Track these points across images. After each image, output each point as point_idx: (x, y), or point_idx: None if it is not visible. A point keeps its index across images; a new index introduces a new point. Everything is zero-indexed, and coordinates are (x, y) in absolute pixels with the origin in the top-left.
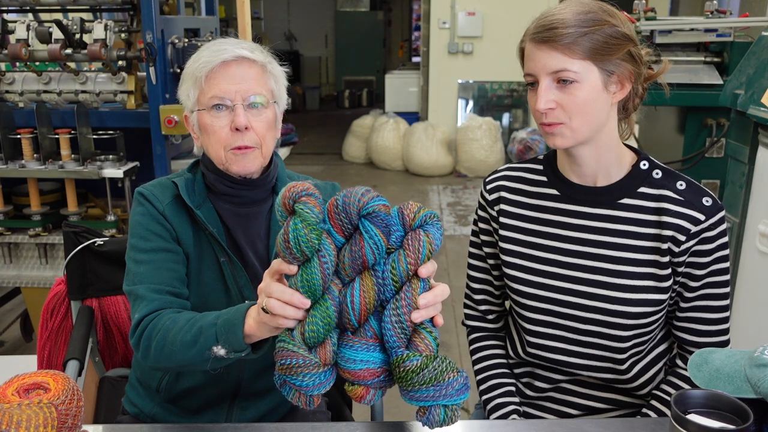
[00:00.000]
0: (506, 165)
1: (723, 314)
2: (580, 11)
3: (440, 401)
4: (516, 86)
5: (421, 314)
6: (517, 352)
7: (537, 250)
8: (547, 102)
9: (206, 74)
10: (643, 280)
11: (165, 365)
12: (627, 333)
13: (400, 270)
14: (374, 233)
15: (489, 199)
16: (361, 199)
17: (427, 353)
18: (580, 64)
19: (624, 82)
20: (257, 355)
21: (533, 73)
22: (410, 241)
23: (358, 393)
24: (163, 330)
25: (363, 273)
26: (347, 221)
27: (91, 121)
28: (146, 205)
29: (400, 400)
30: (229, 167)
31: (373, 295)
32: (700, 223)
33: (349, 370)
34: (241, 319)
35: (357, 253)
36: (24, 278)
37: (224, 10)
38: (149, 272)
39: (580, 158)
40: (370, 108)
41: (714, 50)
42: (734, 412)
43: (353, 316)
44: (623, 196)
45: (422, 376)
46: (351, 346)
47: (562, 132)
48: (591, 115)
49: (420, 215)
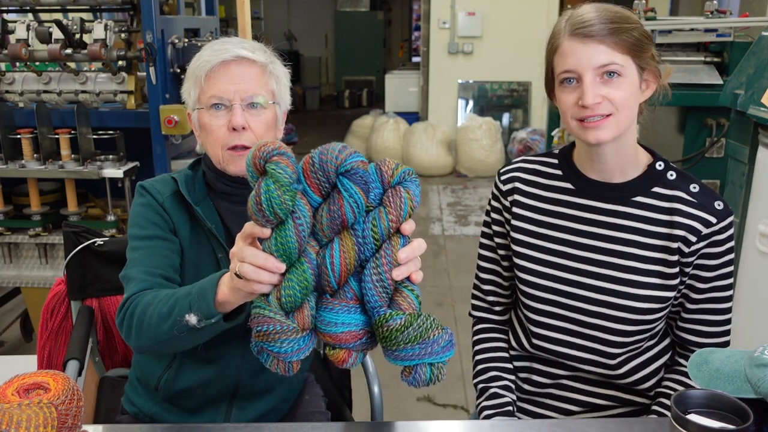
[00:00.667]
0: (521, 157)
1: (726, 316)
2: (611, 10)
3: (426, 359)
4: (516, 86)
5: (401, 271)
6: (520, 343)
7: (548, 242)
8: (595, 96)
9: (206, 73)
10: (651, 277)
11: (144, 342)
12: (631, 328)
13: (381, 228)
14: (354, 191)
15: (503, 190)
16: (338, 156)
17: (410, 311)
18: (623, 58)
19: (650, 82)
20: (230, 324)
21: (575, 69)
22: (391, 198)
23: (340, 357)
24: (144, 305)
25: (342, 233)
26: (324, 179)
27: (91, 121)
28: (146, 196)
29: (400, 399)
30: (226, 167)
31: (353, 256)
32: (711, 225)
33: (329, 333)
34: (213, 285)
35: (336, 212)
36: (24, 278)
37: (224, 10)
38: (143, 257)
39: (603, 155)
40: (370, 108)
41: (714, 50)
42: (734, 412)
43: (333, 278)
44: (637, 194)
45: (407, 335)
46: (331, 309)
47: (608, 124)
48: (631, 109)
49: (399, 171)
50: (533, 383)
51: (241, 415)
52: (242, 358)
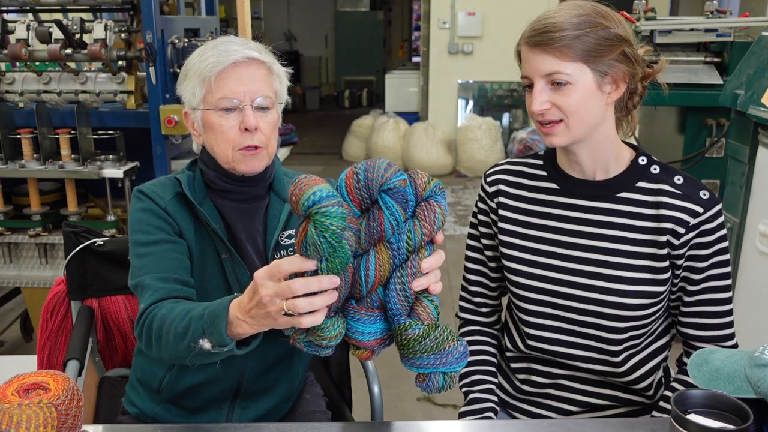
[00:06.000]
0: (507, 159)
1: (727, 306)
2: (573, 14)
3: (440, 369)
4: (516, 86)
5: (422, 282)
6: (516, 345)
7: (536, 243)
8: (542, 103)
9: (216, 74)
10: (641, 273)
11: (165, 356)
12: (624, 325)
13: (415, 241)
14: (395, 209)
15: (489, 191)
16: (384, 174)
17: (428, 321)
18: (572, 67)
19: (619, 83)
20: (243, 351)
21: (528, 76)
22: (425, 212)
23: (365, 356)
24: (160, 320)
25: (378, 245)
26: (367, 196)
27: (91, 121)
28: (146, 201)
29: (399, 399)
30: (236, 167)
31: (388, 268)
32: (699, 215)
33: (357, 340)
34: (223, 314)
35: (375, 228)
36: (24, 278)
37: (224, 10)
38: (153, 263)
39: (577, 156)
40: (370, 108)
41: (714, 50)
42: (734, 412)
43: (365, 288)
44: (622, 190)
45: (424, 345)
46: (358, 319)
47: (559, 131)
48: (585, 114)
49: (431, 185)
50: (532, 383)
51: (243, 414)
52: (246, 357)
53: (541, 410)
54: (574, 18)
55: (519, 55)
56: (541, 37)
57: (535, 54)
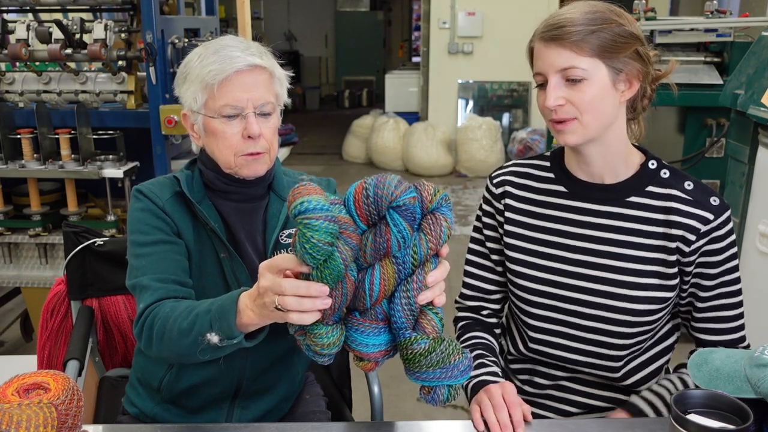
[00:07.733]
0: (513, 161)
1: (739, 310)
2: (588, 11)
3: (445, 382)
4: (516, 86)
5: (427, 295)
6: (518, 348)
7: (542, 246)
8: (557, 99)
9: (219, 82)
10: (649, 278)
11: (166, 354)
12: (630, 330)
13: (420, 255)
14: (403, 227)
15: (495, 193)
16: (394, 191)
17: (434, 335)
18: (588, 62)
19: (632, 81)
20: (251, 343)
21: (542, 72)
22: (431, 226)
23: (368, 366)
24: (163, 318)
25: (383, 260)
26: (375, 212)
27: (91, 121)
28: (145, 201)
29: (399, 399)
30: (238, 171)
31: (393, 283)
32: (709, 222)
33: (360, 351)
34: (233, 306)
35: (382, 244)
36: (24, 278)
37: (224, 10)
38: (151, 264)
39: (588, 156)
40: (370, 108)
41: (714, 50)
42: (734, 412)
43: (369, 301)
44: (631, 194)
45: (430, 359)
46: (362, 331)
47: (573, 129)
48: (600, 112)
49: (437, 197)
50: (534, 385)
51: (243, 414)
52: (246, 357)
53: (541, 411)
54: (589, 14)
55: (530, 53)
56: (557, 32)
57: (550, 48)
